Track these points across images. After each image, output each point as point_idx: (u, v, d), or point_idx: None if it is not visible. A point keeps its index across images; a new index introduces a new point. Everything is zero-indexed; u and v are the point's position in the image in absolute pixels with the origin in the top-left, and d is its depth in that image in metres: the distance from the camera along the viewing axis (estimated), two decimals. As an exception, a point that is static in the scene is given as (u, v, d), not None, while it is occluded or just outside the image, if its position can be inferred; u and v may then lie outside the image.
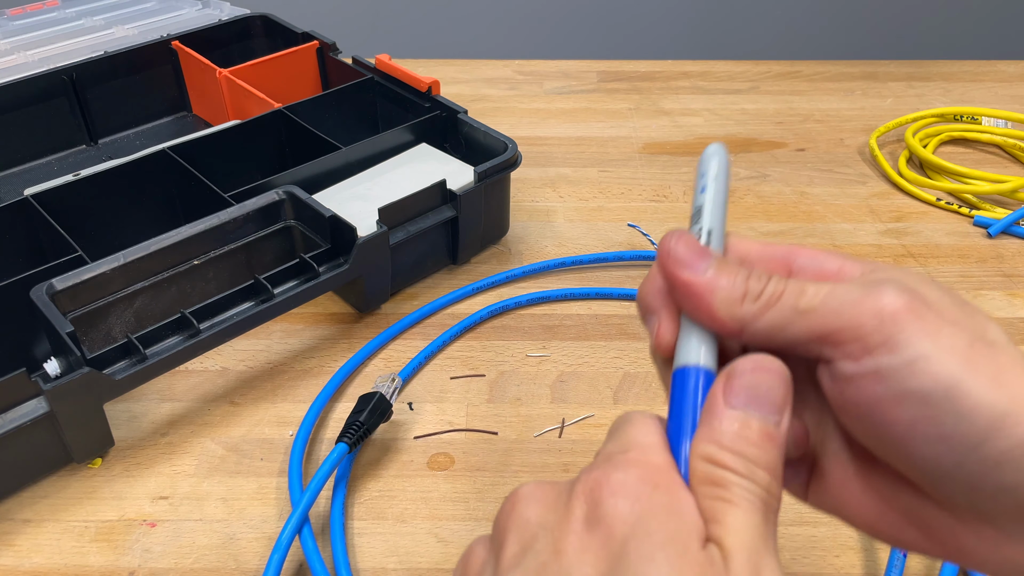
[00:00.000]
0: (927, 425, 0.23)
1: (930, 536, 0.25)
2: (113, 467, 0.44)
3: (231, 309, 0.47)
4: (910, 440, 0.23)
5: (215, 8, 0.76)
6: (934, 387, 0.22)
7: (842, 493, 0.27)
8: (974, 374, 0.22)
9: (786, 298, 0.24)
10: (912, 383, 0.23)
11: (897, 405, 0.23)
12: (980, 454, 0.22)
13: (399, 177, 0.56)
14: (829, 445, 0.28)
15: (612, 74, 0.84)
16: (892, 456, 0.24)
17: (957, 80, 0.83)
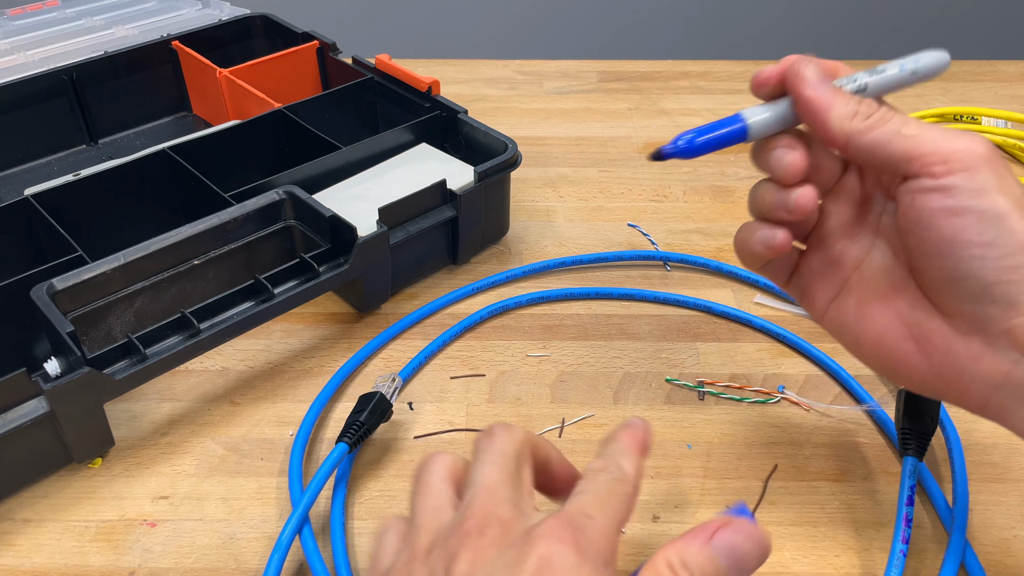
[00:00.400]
0: (974, 233, 0.30)
1: (925, 348, 0.32)
2: (113, 467, 0.44)
3: (231, 309, 0.47)
4: (956, 244, 0.30)
5: (215, 8, 0.76)
6: (990, 209, 0.29)
7: (863, 308, 0.34)
8: (1018, 211, 0.29)
9: (892, 123, 0.32)
10: (974, 202, 0.30)
11: (958, 215, 0.30)
12: (1005, 263, 0.29)
13: (399, 177, 0.56)
14: (872, 264, 0.35)
15: (612, 74, 0.84)
16: (933, 258, 0.31)
17: (957, 80, 0.83)
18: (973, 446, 0.45)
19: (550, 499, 0.32)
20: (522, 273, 0.57)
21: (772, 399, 0.48)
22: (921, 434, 0.41)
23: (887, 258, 0.34)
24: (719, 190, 0.67)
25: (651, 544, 0.40)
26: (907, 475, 0.40)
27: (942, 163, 0.30)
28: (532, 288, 0.56)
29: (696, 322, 0.54)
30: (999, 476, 0.44)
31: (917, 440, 0.40)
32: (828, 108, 0.33)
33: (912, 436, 0.41)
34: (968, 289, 0.30)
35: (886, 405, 0.47)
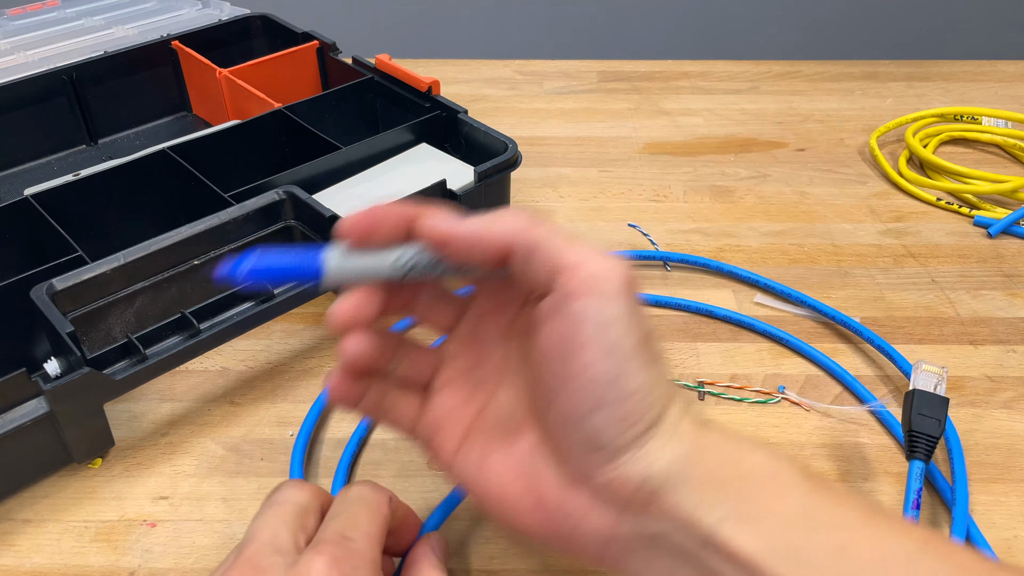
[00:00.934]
0: (595, 371, 0.28)
1: (542, 503, 0.31)
2: (113, 467, 0.44)
3: (231, 309, 0.47)
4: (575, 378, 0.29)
5: (215, 8, 0.76)
6: (611, 344, 0.28)
7: (485, 459, 0.33)
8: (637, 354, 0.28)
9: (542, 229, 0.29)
10: (602, 336, 0.28)
11: (583, 347, 0.28)
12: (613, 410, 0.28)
13: (399, 177, 0.56)
14: (493, 411, 0.34)
15: (612, 74, 0.84)
16: (551, 394, 0.30)
17: (957, 80, 0.83)
18: (973, 446, 0.45)
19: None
20: None
21: (772, 399, 0.48)
22: (928, 437, 0.40)
23: (511, 403, 0.33)
24: (719, 190, 0.67)
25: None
26: (914, 478, 0.40)
27: (581, 282, 0.28)
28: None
29: (696, 322, 0.54)
30: (999, 476, 0.44)
31: (925, 443, 0.40)
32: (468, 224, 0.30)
33: (920, 439, 0.40)
34: (578, 434, 0.29)
35: (888, 405, 0.47)
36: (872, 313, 0.54)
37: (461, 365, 0.35)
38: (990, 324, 0.54)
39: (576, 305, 0.28)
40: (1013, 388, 0.49)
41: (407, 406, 0.35)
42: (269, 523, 0.30)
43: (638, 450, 0.29)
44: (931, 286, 0.57)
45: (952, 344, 0.52)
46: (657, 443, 0.29)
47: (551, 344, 0.30)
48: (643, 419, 0.29)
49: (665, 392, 0.29)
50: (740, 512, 0.28)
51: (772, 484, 0.28)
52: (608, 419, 0.28)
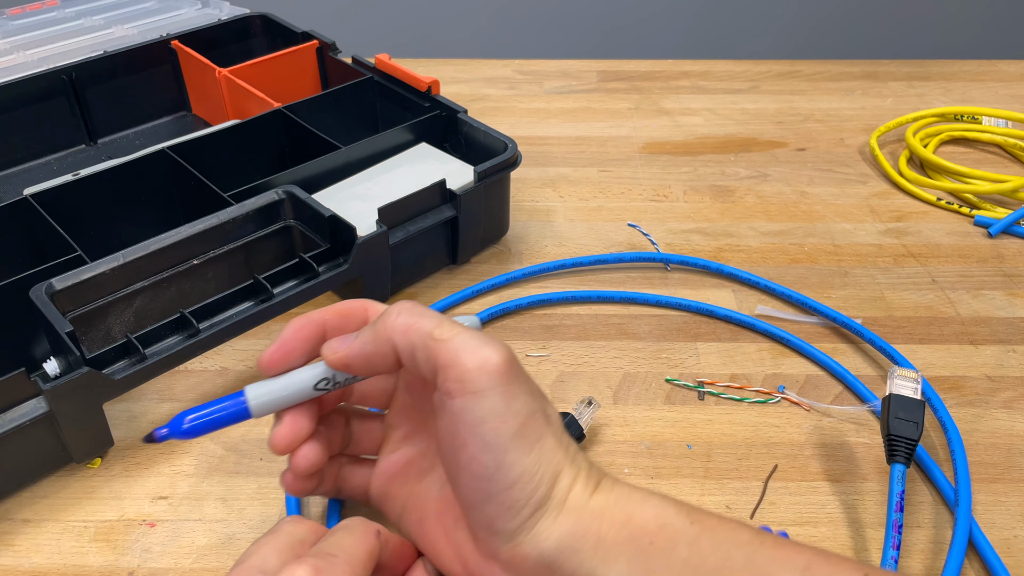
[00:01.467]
0: (477, 465, 0.31)
1: (467, 569, 0.34)
2: (112, 467, 0.44)
3: (231, 309, 0.47)
4: (463, 474, 0.32)
5: (214, 8, 0.76)
6: (491, 440, 0.31)
7: (422, 524, 0.36)
8: (519, 441, 0.31)
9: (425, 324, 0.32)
10: (479, 431, 0.31)
11: (464, 445, 0.31)
12: (501, 499, 0.31)
13: (399, 177, 0.56)
14: (428, 481, 0.36)
15: (612, 74, 0.84)
16: (453, 483, 0.33)
17: (957, 80, 0.83)
18: (973, 446, 0.45)
19: None
20: (522, 275, 0.56)
21: (772, 399, 0.48)
22: (907, 440, 0.41)
23: (441, 475, 0.36)
24: (719, 190, 0.67)
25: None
26: (895, 481, 0.40)
27: (456, 381, 0.31)
28: (532, 290, 0.56)
29: (696, 322, 0.54)
30: (999, 476, 0.44)
31: (904, 447, 0.41)
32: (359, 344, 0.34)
33: (899, 443, 0.41)
34: (476, 519, 0.32)
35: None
36: (872, 313, 0.54)
37: (401, 435, 0.38)
38: (990, 324, 0.54)
39: (453, 404, 0.31)
40: (1013, 388, 0.49)
41: (358, 479, 0.39)
42: (260, 548, 0.31)
43: (529, 532, 0.31)
44: (931, 286, 0.57)
45: (952, 344, 0.52)
46: (546, 522, 0.31)
47: (442, 438, 0.33)
48: (528, 503, 0.31)
49: (549, 470, 0.31)
50: (635, 569, 0.30)
51: (659, 538, 0.31)
52: (497, 508, 0.31)
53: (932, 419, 0.46)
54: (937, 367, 0.50)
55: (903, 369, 0.43)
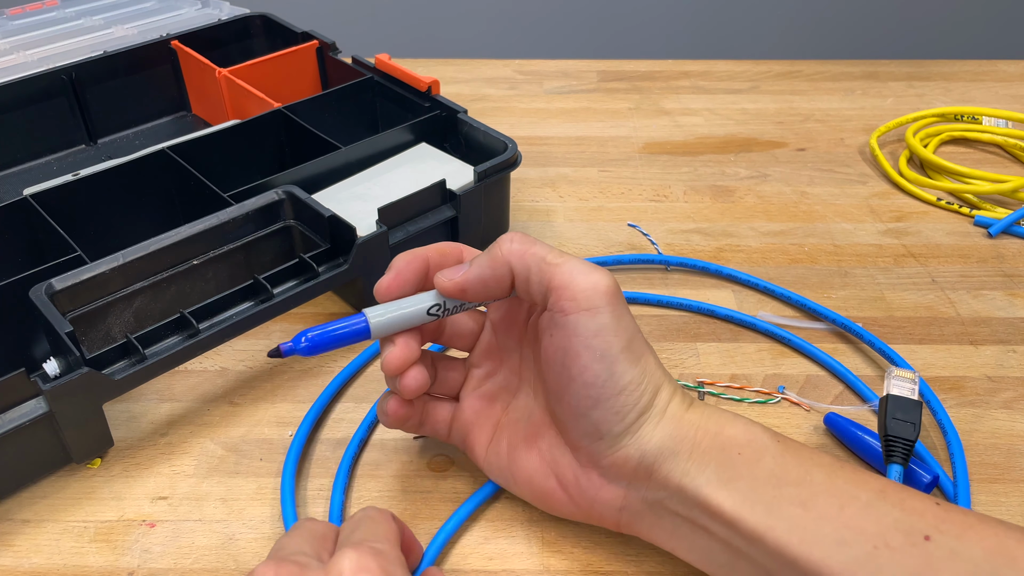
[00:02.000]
0: (589, 375, 0.34)
1: (563, 483, 0.37)
2: (112, 467, 0.44)
3: (230, 309, 0.47)
4: (573, 383, 0.35)
5: (214, 8, 0.76)
6: (605, 351, 0.34)
7: (513, 451, 0.39)
8: (626, 354, 0.34)
9: (538, 249, 0.35)
10: (592, 342, 0.34)
11: (577, 355, 0.34)
12: (609, 404, 0.34)
13: (399, 177, 0.56)
14: (517, 408, 0.40)
15: (612, 74, 0.84)
16: (557, 395, 0.36)
17: (958, 80, 0.83)
18: (973, 447, 0.45)
19: None
20: None
21: (772, 399, 0.48)
22: (904, 441, 0.41)
23: (530, 401, 0.40)
24: (719, 190, 0.67)
25: (650, 544, 0.40)
26: None
27: (571, 299, 0.34)
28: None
29: (696, 322, 0.54)
30: (999, 477, 0.44)
31: (901, 447, 0.41)
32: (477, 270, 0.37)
33: (896, 443, 0.41)
34: (583, 427, 0.35)
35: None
36: (872, 313, 0.54)
37: (483, 373, 0.41)
38: (990, 324, 0.54)
39: (567, 320, 0.34)
40: (1013, 388, 0.49)
41: (442, 414, 0.41)
42: (292, 541, 0.33)
43: (633, 435, 0.35)
44: (931, 286, 0.57)
45: (952, 344, 0.52)
46: (648, 427, 0.35)
47: (551, 354, 0.36)
48: (634, 408, 0.35)
49: (652, 383, 0.35)
50: (720, 476, 0.34)
51: (748, 450, 0.34)
52: (605, 413, 0.35)
53: (931, 420, 0.46)
54: (937, 367, 0.50)
55: (900, 370, 0.43)
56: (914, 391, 0.42)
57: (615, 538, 0.41)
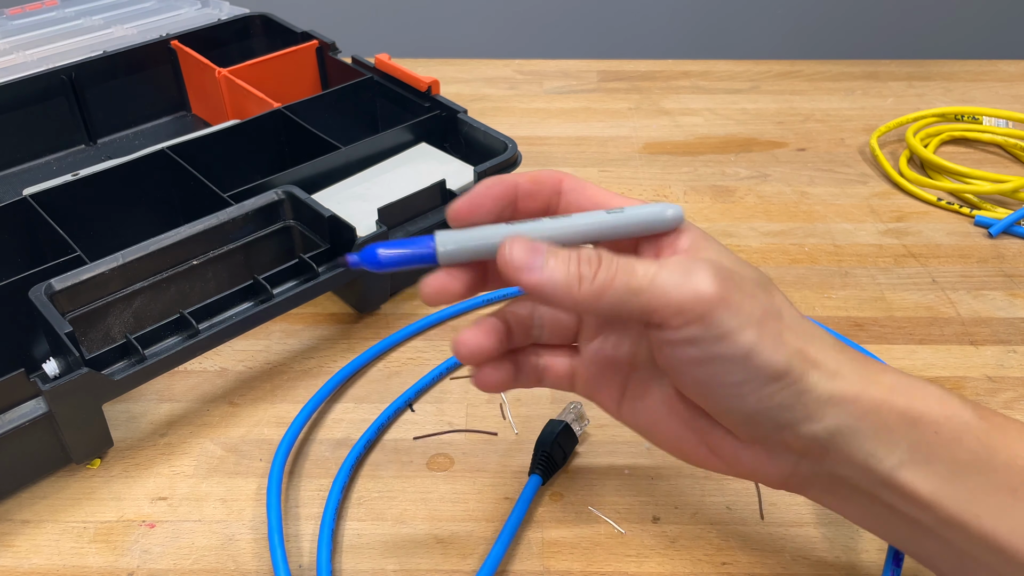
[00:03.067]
0: (726, 377, 0.30)
1: (716, 452, 0.33)
2: (112, 468, 0.44)
3: (230, 309, 0.47)
4: (712, 387, 0.30)
5: (214, 7, 0.76)
6: (735, 352, 0.29)
7: (652, 415, 0.34)
8: (762, 342, 0.29)
9: (619, 279, 0.29)
10: (718, 348, 0.29)
11: (705, 363, 0.30)
12: (759, 395, 0.30)
13: (399, 177, 0.56)
14: (651, 376, 0.34)
15: (612, 74, 0.84)
16: (697, 397, 0.31)
17: (958, 80, 0.83)
18: (974, 447, 0.45)
19: None
20: None
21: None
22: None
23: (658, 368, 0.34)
24: (719, 190, 0.67)
25: (650, 545, 0.40)
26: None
27: (677, 315, 0.29)
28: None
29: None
30: (1000, 477, 0.44)
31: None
32: (550, 284, 0.30)
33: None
34: (735, 420, 0.31)
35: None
36: (872, 313, 0.54)
37: (597, 320, 0.35)
38: (991, 324, 0.54)
39: (678, 335, 0.29)
40: (1013, 388, 0.49)
41: (560, 365, 0.36)
42: None
43: (800, 421, 0.30)
44: (932, 286, 0.57)
45: (952, 344, 0.52)
46: (817, 407, 0.30)
47: (672, 364, 0.31)
48: (793, 394, 0.30)
49: (806, 361, 0.30)
50: (916, 457, 0.30)
51: (946, 427, 0.30)
52: (758, 406, 0.30)
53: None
54: (937, 367, 0.50)
55: None
56: None
57: (615, 538, 0.41)
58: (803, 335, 0.30)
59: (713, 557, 0.40)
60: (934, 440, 0.30)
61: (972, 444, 0.30)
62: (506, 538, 0.39)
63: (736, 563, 0.39)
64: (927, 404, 0.30)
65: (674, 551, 0.40)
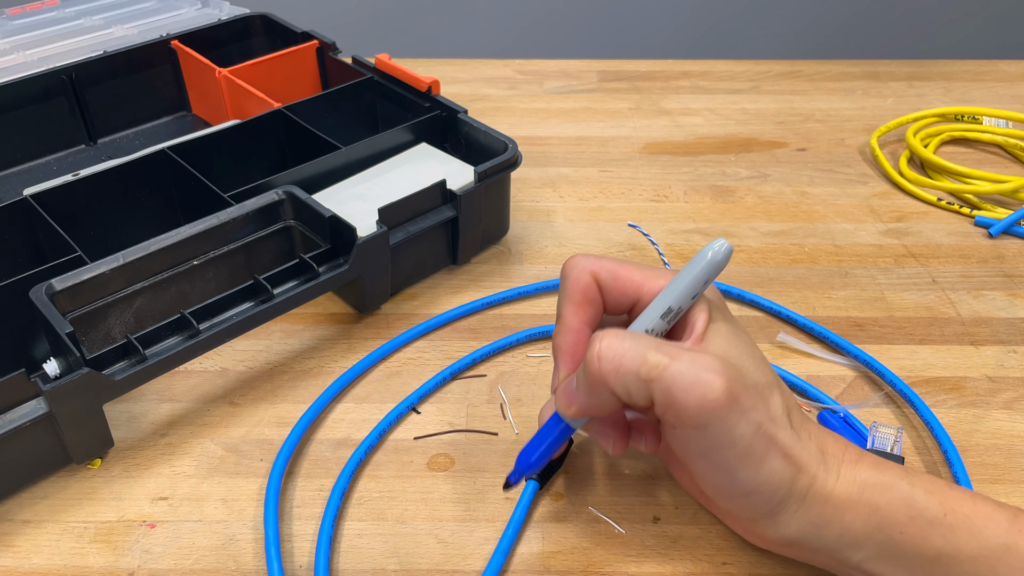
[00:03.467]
0: (731, 464, 0.33)
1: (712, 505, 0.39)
2: (112, 468, 0.44)
3: (231, 309, 0.47)
4: (704, 469, 0.34)
5: (214, 7, 0.76)
6: (738, 446, 0.32)
7: (674, 463, 0.39)
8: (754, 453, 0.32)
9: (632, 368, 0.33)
10: (714, 453, 0.33)
11: (701, 456, 0.33)
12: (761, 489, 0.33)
13: (399, 177, 0.56)
14: None
15: (612, 74, 0.84)
16: (697, 480, 0.35)
17: (958, 80, 0.83)
18: (974, 447, 0.45)
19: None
20: (534, 290, 0.55)
21: (773, 400, 0.48)
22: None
23: None
24: (719, 190, 0.67)
25: (650, 545, 0.40)
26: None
27: (676, 417, 0.32)
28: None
29: (696, 322, 0.54)
30: (1000, 477, 0.44)
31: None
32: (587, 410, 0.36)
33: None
34: (720, 506, 0.36)
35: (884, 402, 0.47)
36: (872, 313, 0.54)
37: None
38: (991, 324, 0.54)
39: (676, 434, 0.34)
40: (1013, 388, 0.49)
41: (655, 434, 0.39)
42: None
43: (770, 523, 0.34)
44: (932, 286, 0.57)
45: (952, 344, 0.52)
46: (786, 516, 0.33)
47: (674, 447, 0.35)
48: (766, 505, 0.33)
49: (784, 479, 0.33)
50: (883, 554, 0.32)
51: (911, 528, 0.32)
52: (736, 506, 0.35)
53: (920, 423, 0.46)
54: (937, 367, 0.50)
55: (884, 425, 0.43)
56: (897, 447, 0.42)
57: (615, 538, 0.41)
58: (788, 438, 0.33)
59: (713, 557, 0.40)
60: (900, 539, 0.32)
61: (937, 542, 0.32)
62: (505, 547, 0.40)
63: (736, 563, 0.39)
64: (893, 505, 0.32)
65: (674, 551, 0.40)
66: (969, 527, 0.32)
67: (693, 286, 0.35)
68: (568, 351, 0.37)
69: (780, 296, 0.55)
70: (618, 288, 0.37)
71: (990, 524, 0.32)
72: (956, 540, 0.32)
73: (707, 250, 0.35)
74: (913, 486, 0.33)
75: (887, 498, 0.33)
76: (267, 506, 0.41)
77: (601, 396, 0.34)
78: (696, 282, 0.35)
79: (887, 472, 0.33)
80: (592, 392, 0.34)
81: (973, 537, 0.32)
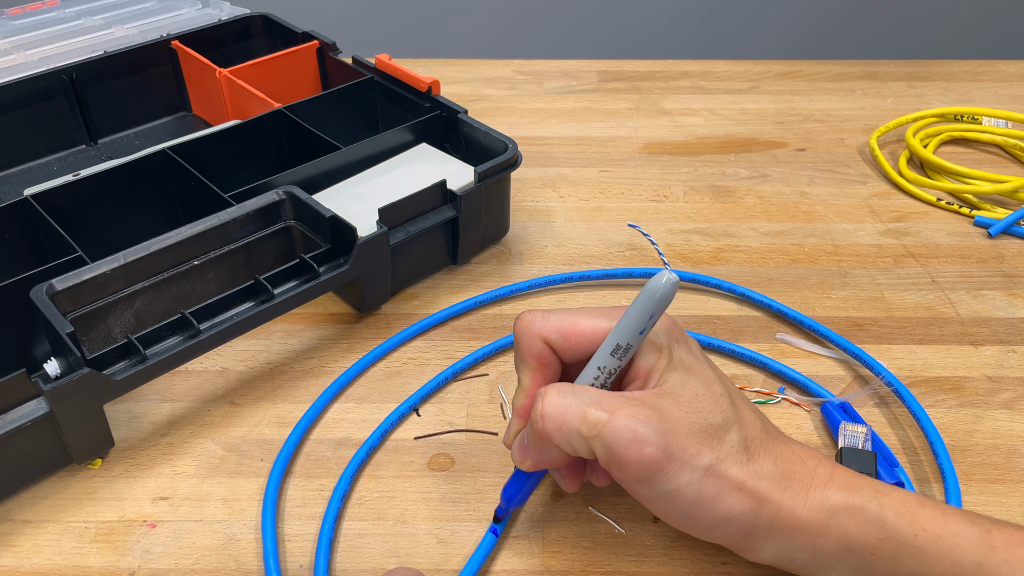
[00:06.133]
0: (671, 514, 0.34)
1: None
2: (113, 468, 0.44)
3: (231, 309, 0.47)
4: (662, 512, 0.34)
5: (215, 8, 0.76)
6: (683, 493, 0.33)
7: None
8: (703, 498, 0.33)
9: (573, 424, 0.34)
10: (663, 501, 0.33)
11: (654, 502, 0.34)
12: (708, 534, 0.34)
13: (399, 177, 0.56)
14: None
15: (612, 74, 0.84)
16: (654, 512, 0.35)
17: (957, 80, 0.83)
18: (973, 447, 0.45)
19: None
20: (527, 287, 0.56)
21: (772, 399, 0.48)
22: None
23: None
24: (719, 190, 0.67)
25: (650, 545, 0.40)
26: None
27: (619, 471, 0.33)
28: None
29: (696, 323, 0.54)
30: (999, 477, 0.44)
31: None
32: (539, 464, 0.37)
33: None
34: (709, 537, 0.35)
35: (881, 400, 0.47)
36: (872, 313, 0.54)
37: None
38: (990, 324, 0.54)
39: (624, 485, 0.34)
40: (1013, 388, 0.49)
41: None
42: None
43: (742, 550, 0.35)
44: (931, 286, 0.57)
45: (952, 344, 0.52)
46: (756, 543, 0.34)
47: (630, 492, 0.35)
48: (731, 537, 0.34)
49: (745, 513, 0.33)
50: (857, 574, 0.33)
51: (882, 550, 0.32)
52: (706, 538, 0.35)
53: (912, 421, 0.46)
54: (937, 367, 0.50)
55: (852, 425, 0.44)
56: (867, 443, 0.43)
57: (615, 538, 0.41)
58: (742, 473, 0.33)
59: (713, 557, 0.40)
60: (871, 560, 0.33)
61: (909, 562, 0.32)
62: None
63: (736, 563, 0.40)
64: (863, 529, 0.33)
65: (674, 551, 0.40)
66: (940, 547, 0.32)
67: (639, 320, 0.34)
68: (523, 415, 0.38)
69: (780, 296, 0.55)
70: (571, 345, 0.37)
71: (961, 542, 0.32)
72: (928, 560, 0.32)
73: (651, 282, 0.34)
74: (883, 508, 0.33)
75: (856, 521, 0.33)
76: (266, 506, 0.41)
77: (550, 451, 0.35)
78: (642, 315, 0.34)
79: (857, 492, 0.33)
80: (541, 448, 0.35)
81: (945, 556, 0.32)
